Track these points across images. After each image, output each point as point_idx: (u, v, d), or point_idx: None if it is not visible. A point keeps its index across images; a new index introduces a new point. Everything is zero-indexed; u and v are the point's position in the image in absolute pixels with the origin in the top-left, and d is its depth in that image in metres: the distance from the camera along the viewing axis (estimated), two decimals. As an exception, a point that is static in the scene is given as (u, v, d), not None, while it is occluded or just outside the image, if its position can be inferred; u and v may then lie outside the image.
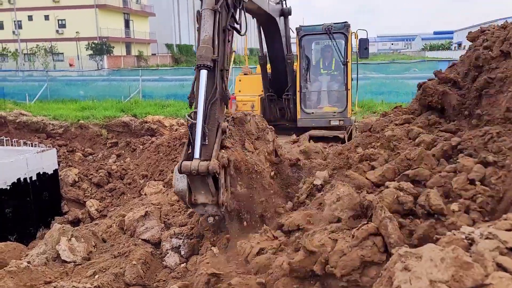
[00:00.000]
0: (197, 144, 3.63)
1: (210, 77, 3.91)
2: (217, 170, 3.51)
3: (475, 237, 2.03)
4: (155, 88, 21.14)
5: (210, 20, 4.00)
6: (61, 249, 4.11)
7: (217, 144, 3.73)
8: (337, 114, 8.77)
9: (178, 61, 58.76)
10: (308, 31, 8.90)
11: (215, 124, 3.83)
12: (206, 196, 3.71)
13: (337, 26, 8.57)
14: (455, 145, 3.32)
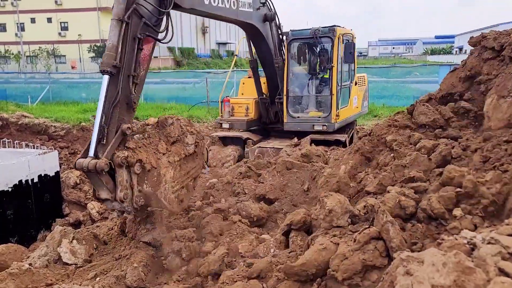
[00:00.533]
0: (92, 143, 3.99)
1: (113, 81, 4.24)
2: (104, 168, 3.80)
3: (477, 242, 2.03)
4: (157, 91, 21.18)
5: (116, 29, 4.35)
6: (63, 251, 4.11)
7: (113, 144, 3.99)
8: (321, 119, 8.73)
9: (180, 64, 58.86)
10: (296, 35, 8.95)
11: (115, 126, 4.14)
12: (106, 192, 3.98)
13: (323, 30, 8.57)
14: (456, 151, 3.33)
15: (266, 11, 8.16)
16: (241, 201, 5.20)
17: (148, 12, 4.67)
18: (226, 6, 6.83)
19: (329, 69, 8.62)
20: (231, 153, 8.74)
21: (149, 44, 4.81)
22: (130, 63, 4.47)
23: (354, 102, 9.85)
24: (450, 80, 4.26)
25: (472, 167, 3.04)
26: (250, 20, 7.68)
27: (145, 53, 4.76)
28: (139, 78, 4.67)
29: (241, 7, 7.32)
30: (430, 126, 4.01)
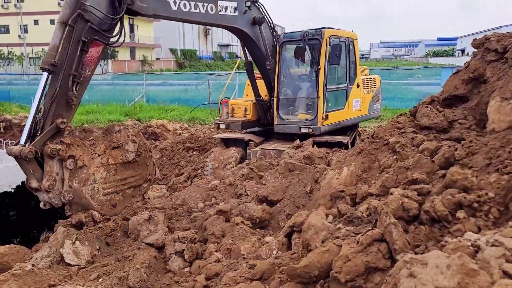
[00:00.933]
0: (24, 132, 4.44)
1: (54, 79, 4.72)
2: (28, 155, 4.20)
3: (481, 244, 2.03)
4: (159, 93, 21.24)
5: (59, 32, 4.83)
6: (65, 252, 4.12)
7: (44, 135, 4.40)
8: (308, 122, 8.69)
9: (182, 65, 59.01)
10: (287, 37, 8.96)
11: (51, 120, 4.60)
12: (35, 181, 4.42)
13: (312, 32, 8.54)
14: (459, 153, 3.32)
15: (255, 14, 8.14)
16: (243, 202, 5.20)
17: (97, 18, 5.12)
18: (200, 11, 6.86)
19: (316, 71, 8.53)
20: (233, 154, 8.74)
21: (98, 47, 5.25)
22: (72, 63, 4.85)
23: (356, 105, 9.71)
24: (453, 82, 4.25)
25: (475, 169, 3.04)
26: (235, 24, 7.73)
27: (93, 55, 5.33)
28: (82, 78, 5.07)
29: (221, 11, 7.31)
30: (433, 128, 4.00)
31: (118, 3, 5.32)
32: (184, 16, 6.54)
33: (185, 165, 9.39)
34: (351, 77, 9.45)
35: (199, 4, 6.77)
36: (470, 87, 4.11)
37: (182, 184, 8.43)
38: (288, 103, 9.16)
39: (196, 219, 5.12)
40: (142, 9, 5.69)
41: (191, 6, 6.59)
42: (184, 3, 6.44)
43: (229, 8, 7.43)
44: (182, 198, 6.20)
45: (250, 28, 8.11)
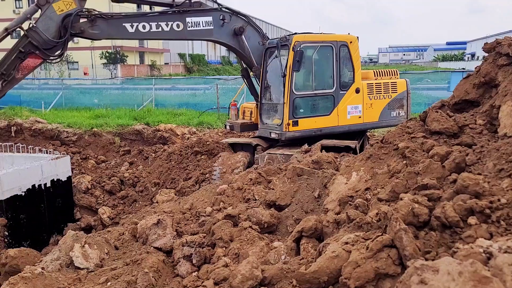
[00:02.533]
0: None
1: None
2: None
3: (493, 251, 2.00)
4: (168, 97, 21.34)
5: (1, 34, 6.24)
6: (75, 256, 4.14)
7: None
8: (277, 127, 8.72)
9: (190, 70, 59.30)
10: (270, 44, 9.04)
11: None
12: None
13: (283, 39, 8.55)
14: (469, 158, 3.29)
15: (236, 24, 8.42)
16: (251, 207, 5.19)
17: (41, 39, 6.32)
18: (164, 29, 7.34)
19: (283, 77, 8.41)
20: (241, 159, 8.75)
21: (37, 59, 6.45)
22: (4, 62, 5.95)
23: (353, 111, 9.23)
24: (463, 87, 4.22)
25: (487, 175, 3.00)
26: (211, 37, 8.14)
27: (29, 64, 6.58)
28: (11, 78, 6.04)
29: (190, 27, 7.67)
30: (443, 133, 3.96)
31: (63, 33, 6.40)
32: (144, 36, 7.17)
33: (193, 169, 9.41)
34: (344, 82, 9.03)
35: (162, 23, 7.24)
36: (481, 91, 4.07)
37: (190, 188, 8.45)
38: (268, 108, 9.30)
39: (204, 223, 5.12)
40: (94, 36, 6.80)
41: (151, 26, 7.09)
42: (143, 25, 7.01)
43: (201, 23, 7.80)
44: (190, 202, 6.20)
45: (231, 38, 8.49)
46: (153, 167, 10.33)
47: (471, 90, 4.10)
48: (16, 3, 54.20)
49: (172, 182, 9.30)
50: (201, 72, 55.95)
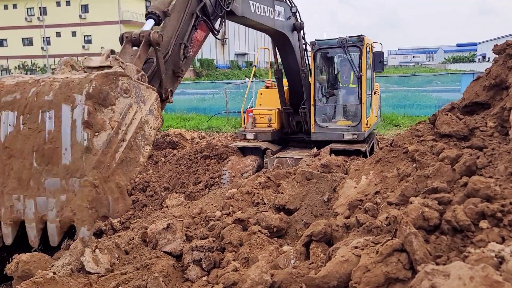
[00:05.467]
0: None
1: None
2: None
3: (505, 255, 1.97)
4: (177, 101, 21.45)
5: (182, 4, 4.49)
6: (86, 260, 4.17)
7: None
8: (351, 128, 8.69)
9: (199, 75, 59.60)
10: (322, 45, 8.94)
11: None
12: None
13: (351, 40, 8.56)
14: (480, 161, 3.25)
15: (295, 21, 8.25)
16: (260, 211, 5.19)
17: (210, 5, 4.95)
18: (266, 15, 6.98)
19: (359, 78, 8.59)
20: (250, 163, 8.75)
21: (203, 32, 4.99)
22: (184, 32, 4.44)
23: (374, 111, 9.83)
24: (473, 89, 4.18)
25: (498, 178, 2.96)
26: (283, 30, 7.76)
27: (197, 38, 4.91)
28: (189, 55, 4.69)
29: (276, 16, 7.43)
30: (453, 136, 3.93)
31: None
32: (257, 19, 6.63)
33: (203, 173, 9.44)
34: (372, 85, 9.58)
35: (266, 8, 6.90)
36: (492, 93, 4.03)
37: (200, 192, 8.47)
38: (326, 110, 9.18)
39: (213, 227, 5.13)
40: (235, 10, 5.75)
41: (261, 10, 6.75)
42: (257, 6, 6.57)
43: (280, 14, 7.58)
44: (200, 206, 6.22)
45: (291, 34, 8.20)
46: (163, 172, 10.38)
47: (481, 92, 4.06)
48: (28, 11, 55.12)
49: (181, 187, 9.33)
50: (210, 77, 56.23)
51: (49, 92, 2.40)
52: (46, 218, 2.43)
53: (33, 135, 2.38)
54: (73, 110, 2.36)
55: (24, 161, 2.44)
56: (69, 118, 2.36)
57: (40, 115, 2.38)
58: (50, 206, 2.42)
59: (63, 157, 2.34)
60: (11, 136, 2.42)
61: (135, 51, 3.70)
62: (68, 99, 2.38)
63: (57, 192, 2.39)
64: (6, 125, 2.41)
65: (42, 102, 2.39)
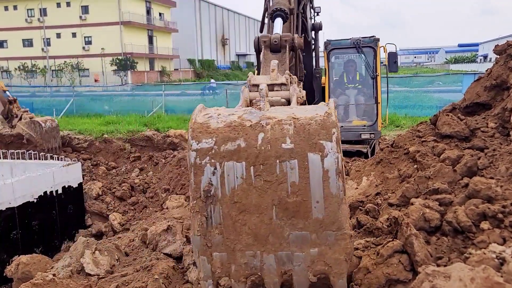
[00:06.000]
0: None
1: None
2: None
3: (506, 256, 1.96)
4: (178, 103, 21.47)
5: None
6: (85, 262, 4.16)
7: None
8: (367, 127, 8.70)
9: (200, 75, 59.66)
10: (336, 45, 8.93)
11: None
12: None
13: (365, 40, 8.59)
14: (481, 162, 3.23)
15: (314, 20, 8.36)
16: (261, 212, 5.17)
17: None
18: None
19: (373, 78, 8.63)
20: (250, 164, 8.73)
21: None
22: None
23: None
24: (474, 90, 4.16)
25: (499, 179, 2.95)
26: (307, 30, 7.74)
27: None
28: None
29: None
30: (454, 136, 3.91)
31: None
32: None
33: (203, 174, 9.43)
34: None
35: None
36: (493, 94, 4.01)
37: (200, 193, 8.45)
38: (341, 110, 9.17)
39: (214, 229, 5.12)
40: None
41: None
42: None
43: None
44: (200, 208, 6.21)
45: (310, 34, 8.22)
46: (163, 173, 10.38)
47: (482, 93, 4.04)
48: (28, 12, 55.19)
49: (182, 188, 9.32)
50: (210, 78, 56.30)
51: (284, 138, 2.14)
52: (291, 272, 2.19)
53: (271, 188, 2.13)
54: (323, 159, 2.11)
55: (261, 216, 2.18)
56: (320, 168, 2.11)
57: (278, 165, 2.12)
58: (296, 261, 2.20)
59: (314, 210, 2.13)
60: (241, 189, 2.16)
61: (279, 57, 3.36)
62: (314, 147, 2.12)
63: (305, 246, 2.17)
64: (233, 177, 2.16)
65: (280, 151, 2.13)
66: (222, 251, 2.24)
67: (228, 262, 2.25)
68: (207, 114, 2.32)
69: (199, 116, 2.30)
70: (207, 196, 2.17)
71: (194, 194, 2.20)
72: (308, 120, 2.16)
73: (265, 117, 2.22)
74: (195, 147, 2.17)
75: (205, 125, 2.21)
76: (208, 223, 2.21)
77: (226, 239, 2.21)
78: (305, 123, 2.14)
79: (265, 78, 2.77)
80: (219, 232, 2.20)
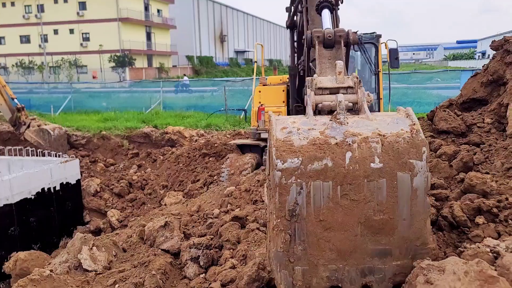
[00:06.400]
0: None
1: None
2: None
3: (500, 250, 1.97)
4: (176, 99, 21.43)
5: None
6: (83, 258, 4.17)
7: None
8: None
9: (198, 72, 59.55)
10: None
11: None
12: None
13: (367, 36, 8.58)
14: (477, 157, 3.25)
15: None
16: (259, 208, 5.18)
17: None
18: None
19: (376, 74, 8.59)
20: (249, 160, 8.74)
21: None
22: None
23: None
24: (471, 85, 4.18)
25: (495, 174, 2.96)
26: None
27: None
28: None
29: None
30: (451, 132, 3.93)
31: None
32: None
33: (201, 171, 9.44)
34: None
35: None
36: (489, 90, 4.03)
37: (198, 190, 8.47)
38: None
39: (211, 225, 5.12)
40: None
41: None
42: None
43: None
44: (198, 204, 6.22)
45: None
46: (161, 170, 10.38)
47: (479, 89, 4.06)
48: (26, 8, 54.95)
49: (180, 185, 9.33)
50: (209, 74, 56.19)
51: (372, 157, 2.14)
52: (372, 284, 2.22)
53: (358, 206, 2.15)
54: (413, 178, 2.12)
55: (346, 233, 2.21)
56: (409, 187, 2.12)
57: (366, 185, 2.13)
58: (378, 273, 2.23)
59: (400, 228, 2.15)
60: (327, 208, 2.17)
61: (334, 53, 3.19)
62: (404, 166, 2.12)
63: (388, 260, 2.20)
64: (319, 196, 2.17)
65: (368, 171, 2.13)
66: (304, 265, 2.25)
67: (309, 275, 2.27)
68: (285, 128, 2.28)
69: (278, 132, 2.25)
70: (292, 215, 2.19)
71: (278, 213, 2.20)
72: (395, 138, 2.15)
73: (349, 133, 2.20)
74: (280, 167, 2.16)
75: (288, 143, 2.19)
76: (292, 240, 2.23)
77: (310, 255, 2.23)
78: (393, 141, 2.14)
79: (331, 81, 2.63)
80: (302, 249, 2.22)
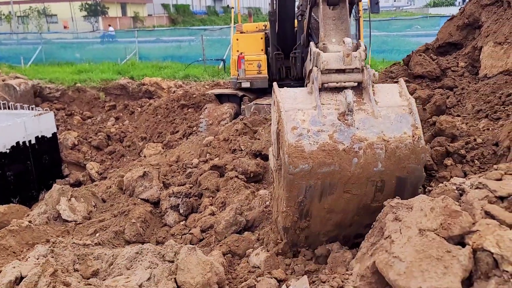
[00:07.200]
0: None
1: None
2: None
3: (465, 187, 2.05)
4: (152, 50, 20.78)
5: None
6: (62, 209, 4.18)
7: None
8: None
9: (175, 21, 57.43)
10: None
11: None
12: None
13: None
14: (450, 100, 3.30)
15: None
16: (237, 157, 5.22)
17: None
18: None
19: (356, 20, 8.26)
20: (227, 110, 8.69)
21: None
22: None
23: None
24: (447, 29, 4.16)
25: (465, 116, 3.03)
26: None
27: None
28: None
29: None
30: (426, 76, 3.95)
31: None
32: None
33: (180, 122, 9.36)
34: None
35: None
36: (465, 33, 4.02)
37: (178, 141, 8.44)
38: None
39: (191, 174, 5.16)
40: None
41: None
42: None
43: None
44: (177, 154, 6.22)
45: None
46: (140, 122, 10.26)
47: (454, 32, 4.05)
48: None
49: (159, 136, 9.27)
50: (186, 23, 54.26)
51: (376, 162, 2.37)
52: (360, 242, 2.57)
53: (358, 198, 2.46)
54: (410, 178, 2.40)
55: (345, 215, 2.56)
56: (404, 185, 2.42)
57: (368, 184, 2.41)
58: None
59: None
60: (331, 199, 2.48)
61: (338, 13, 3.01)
62: (403, 170, 2.38)
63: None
64: (325, 192, 2.46)
65: (371, 173, 2.38)
66: (307, 234, 2.68)
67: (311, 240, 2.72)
68: (295, 129, 2.42)
69: (289, 134, 2.40)
70: (301, 205, 2.50)
71: (288, 203, 2.51)
72: (398, 143, 2.35)
73: (356, 138, 2.37)
74: (292, 171, 2.37)
75: (299, 149, 2.38)
76: (298, 220, 2.61)
77: (313, 227, 2.63)
78: (395, 147, 2.35)
79: (338, 62, 2.56)
80: (307, 225, 2.62)
